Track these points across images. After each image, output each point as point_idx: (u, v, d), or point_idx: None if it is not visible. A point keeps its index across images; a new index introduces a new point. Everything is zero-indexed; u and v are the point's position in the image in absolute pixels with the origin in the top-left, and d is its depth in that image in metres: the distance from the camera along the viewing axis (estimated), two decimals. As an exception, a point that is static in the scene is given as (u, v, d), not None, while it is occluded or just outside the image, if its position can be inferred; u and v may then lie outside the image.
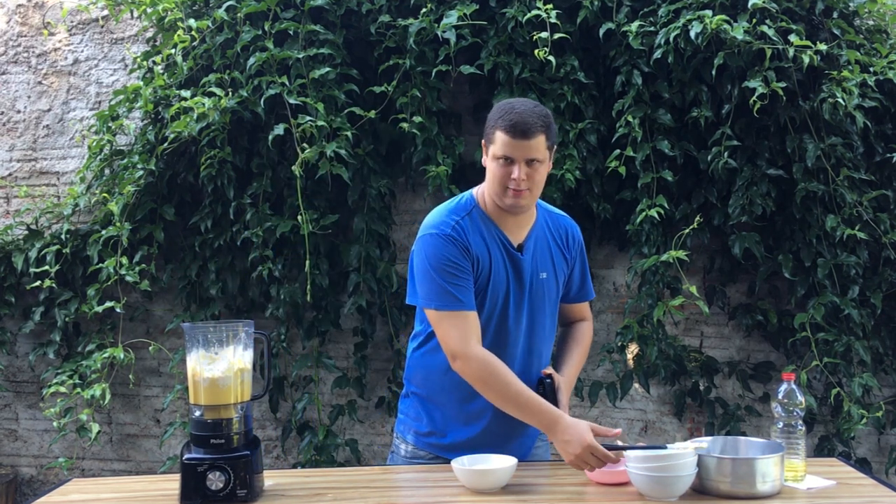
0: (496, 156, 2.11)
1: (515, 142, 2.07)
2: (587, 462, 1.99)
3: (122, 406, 4.13)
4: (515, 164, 2.09)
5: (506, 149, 2.09)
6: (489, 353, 2.11)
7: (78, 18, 4.23)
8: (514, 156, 2.09)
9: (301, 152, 3.45)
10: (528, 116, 2.07)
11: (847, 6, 3.64)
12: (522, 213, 2.19)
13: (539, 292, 2.24)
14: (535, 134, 2.07)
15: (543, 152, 2.10)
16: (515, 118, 2.07)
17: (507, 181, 2.10)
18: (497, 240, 2.19)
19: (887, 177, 3.67)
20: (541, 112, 2.11)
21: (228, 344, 1.93)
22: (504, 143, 2.09)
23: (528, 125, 2.06)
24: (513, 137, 2.07)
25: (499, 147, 2.10)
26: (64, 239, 3.84)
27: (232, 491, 1.88)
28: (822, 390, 3.66)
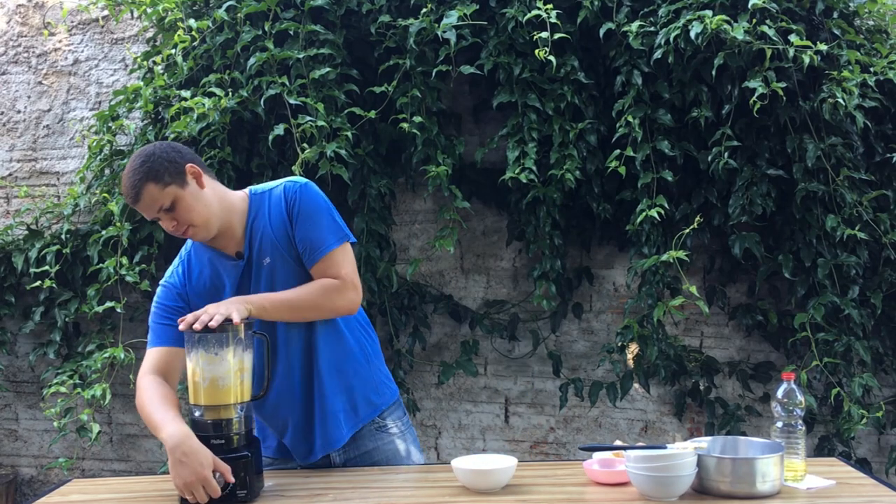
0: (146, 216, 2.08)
1: (138, 208, 2.03)
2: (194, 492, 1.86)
3: (123, 406, 4.13)
4: (160, 220, 2.05)
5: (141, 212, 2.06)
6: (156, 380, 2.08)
7: (78, 18, 4.23)
8: (148, 216, 2.05)
9: (301, 152, 3.45)
10: (127, 180, 2.00)
11: (847, 6, 3.64)
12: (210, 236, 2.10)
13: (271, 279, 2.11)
14: (140, 192, 1.99)
15: (164, 197, 2.00)
16: (123, 188, 2.03)
17: (175, 234, 2.07)
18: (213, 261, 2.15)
19: (887, 177, 3.67)
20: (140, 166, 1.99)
21: (229, 344, 1.93)
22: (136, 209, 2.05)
23: (132, 188, 2.00)
24: (132, 204, 2.03)
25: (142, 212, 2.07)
26: (64, 239, 3.84)
27: (232, 491, 1.88)
28: (822, 390, 3.66)
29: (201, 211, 2.05)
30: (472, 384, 4.03)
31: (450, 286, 4.04)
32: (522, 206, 3.62)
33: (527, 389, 4.00)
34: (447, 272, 4.04)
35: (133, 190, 2.00)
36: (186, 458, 1.86)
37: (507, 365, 4.01)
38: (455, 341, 4.02)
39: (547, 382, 3.98)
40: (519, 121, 3.60)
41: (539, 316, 3.96)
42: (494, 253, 4.02)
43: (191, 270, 2.18)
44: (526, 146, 3.56)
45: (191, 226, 2.05)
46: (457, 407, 4.04)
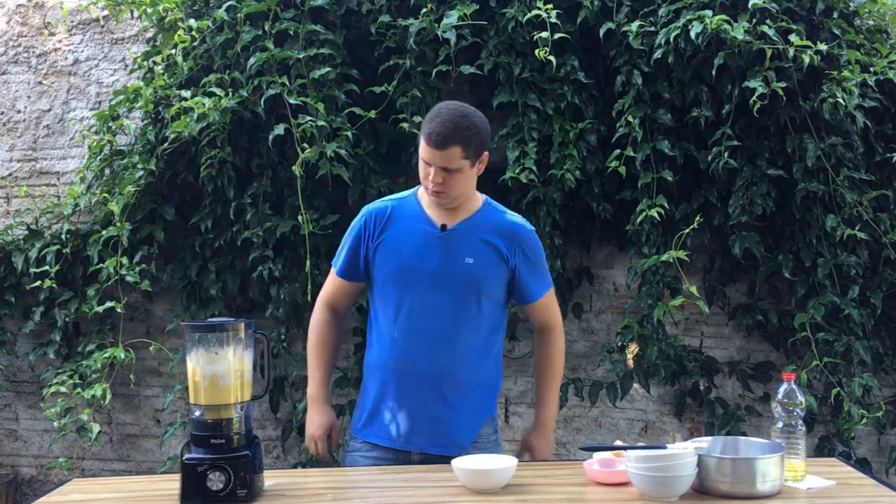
0: (420, 156, 2.24)
1: (430, 150, 2.18)
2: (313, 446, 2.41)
3: (123, 406, 4.13)
4: (433, 167, 2.19)
5: (423, 153, 2.21)
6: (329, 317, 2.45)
7: (78, 18, 4.23)
8: (430, 161, 2.20)
9: (301, 152, 3.45)
10: (446, 128, 2.15)
11: (847, 6, 3.64)
12: (447, 207, 2.28)
13: (462, 275, 2.26)
14: (448, 146, 2.15)
15: (458, 162, 2.18)
16: (434, 127, 2.16)
17: (426, 181, 2.23)
18: (421, 220, 2.31)
19: (887, 177, 3.67)
20: (462, 123, 2.17)
21: (229, 344, 1.93)
22: (423, 147, 2.20)
23: (443, 137, 2.15)
24: (428, 145, 2.18)
25: (421, 149, 2.22)
26: (64, 239, 3.84)
27: (232, 491, 1.88)
28: (822, 390, 3.66)
29: (464, 189, 2.25)
30: (472, 384, 4.02)
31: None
32: (522, 206, 3.62)
33: (527, 389, 4.00)
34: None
35: (442, 140, 2.14)
36: (307, 420, 2.42)
37: (507, 365, 4.00)
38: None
39: (547, 382, 3.97)
40: (519, 121, 3.61)
41: (539, 316, 3.95)
42: (494, 253, 4.01)
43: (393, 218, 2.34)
44: (526, 146, 3.56)
45: (446, 192, 2.22)
46: (457, 407, 4.04)
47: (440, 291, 2.25)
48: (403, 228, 2.31)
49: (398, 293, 2.29)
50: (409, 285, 2.27)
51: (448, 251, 2.26)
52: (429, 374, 2.26)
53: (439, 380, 2.26)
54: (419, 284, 2.26)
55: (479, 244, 2.27)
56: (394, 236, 2.31)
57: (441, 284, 2.25)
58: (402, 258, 2.28)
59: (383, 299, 2.34)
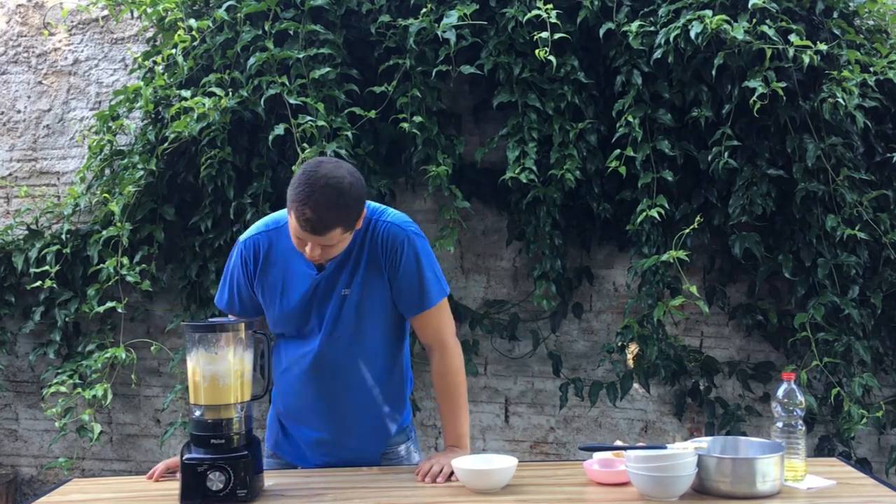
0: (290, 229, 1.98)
1: (302, 232, 1.93)
2: None
3: (123, 406, 4.13)
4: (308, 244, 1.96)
5: (295, 231, 1.96)
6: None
7: (78, 18, 4.23)
8: (303, 239, 1.96)
9: (301, 152, 3.45)
10: (322, 215, 1.88)
11: (847, 6, 3.64)
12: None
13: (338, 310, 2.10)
14: (327, 231, 1.92)
15: (339, 237, 1.96)
16: (308, 214, 1.88)
17: (301, 250, 2.00)
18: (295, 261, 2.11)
19: (887, 177, 3.67)
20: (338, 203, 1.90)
21: (229, 344, 1.93)
22: (295, 228, 1.94)
23: (321, 224, 1.90)
24: (303, 229, 1.92)
25: (292, 226, 1.96)
26: (64, 239, 3.84)
27: (232, 491, 1.88)
28: (822, 390, 3.65)
29: (341, 249, 2.03)
30: (473, 384, 4.03)
31: (450, 286, 4.02)
32: (522, 206, 3.62)
33: (527, 389, 4.00)
34: (447, 272, 4.04)
35: (321, 226, 1.90)
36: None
37: (507, 365, 4.01)
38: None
39: (547, 382, 3.98)
40: (519, 121, 3.60)
41: (539, 316, 3.96)
42: (494, 253, 4.02)
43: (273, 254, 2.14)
44: (526, 146, 3.56)
45: (327, 257, 2.02)
46: (457, 407, 4.03)
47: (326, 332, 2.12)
48: (281, 269, 2.13)
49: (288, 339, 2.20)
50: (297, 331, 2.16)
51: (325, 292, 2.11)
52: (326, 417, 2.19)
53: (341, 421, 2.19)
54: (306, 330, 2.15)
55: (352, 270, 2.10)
56: (273, 278, 2.14)
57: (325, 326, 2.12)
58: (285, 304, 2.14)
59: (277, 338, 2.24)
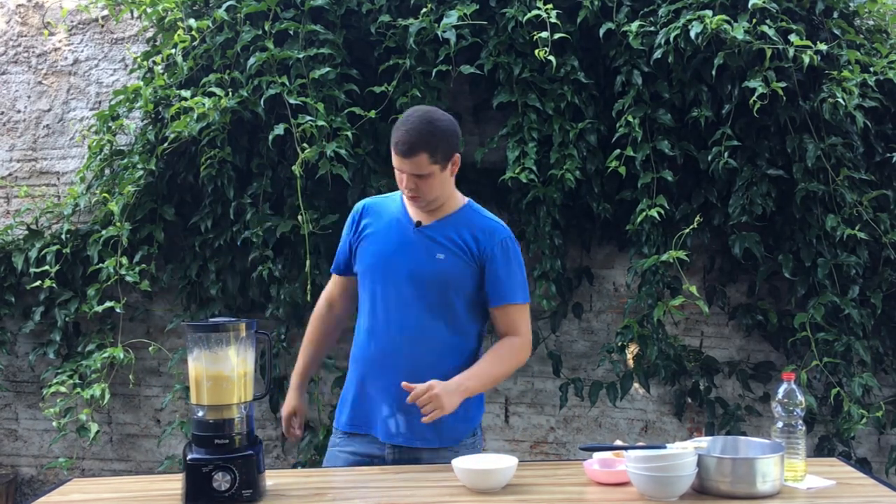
0: (393, 163, 2.26)
1: (398, 158, 2.21)
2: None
3: (122, 406, 4.13)
4: (404, 174, 2.22)
5: (394, 161, 2.23)
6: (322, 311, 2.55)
7: (78, 18, 4.23)
8: (400, 169, 2.23)
9: (301, 152, 3.45)
10: (412, 136, 2.17)
11: (847, 6, 3.64)
12: (425, 209, 2.31)
13: (433, 272, 2.27)
14: (414, 154, 2.17)
15: (427, 168, 2.19)
16: (400, 136, 2.19)
17: (401, 186, 2.27)
18: (400, 216, 2.34)
19: (887, 177, 3.68)
20: (426, 130, 2.18)
21: (231, 344, 1.93)
22: (393, 156, 2.23)
23: (409, 145, 2.17)
24: (396, 154, 2.21)
25: (393, 157, 2.24)
26: (64, 239, 3.84)
27: (238, 491, 1.88)
28: (822, 390, 3.66)
29: (440, 192, 2.26)
30: (472, 384, 4.02)
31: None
32: (522, 206, 3.62)
33: (527, 389, 4.00)
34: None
35: (408, 147, 2.17)
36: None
37: (507, 365, 4.00)
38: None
39: (547, 382, 3.98)
40: (519, 121, 3.61)
41: (539, 316, 3.95)
42: (494, 253, 4.01)
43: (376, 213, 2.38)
44: (526, 146, 3.56)
45: (423, 197, 2.24)
46: (457, 407, 4.03)
47: (412, 286, 2.28)
48: (383, 224, 2.36)
49: (373, 286, 2.33)
50: (383, 279, 2.31)
51: (421, 247, 2.29)
52: (402, 367, 2.26)
53: (413, 373, 2.23)
54: (393, 278, 2.30)
55: (451, 242, 2.29)
56: (374, 231, 2.37)
57: (413, 280, 2.28)
58: (378, 252, 2.34)
59: (363, 292, 2.39)
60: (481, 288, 2.32)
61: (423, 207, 2.30)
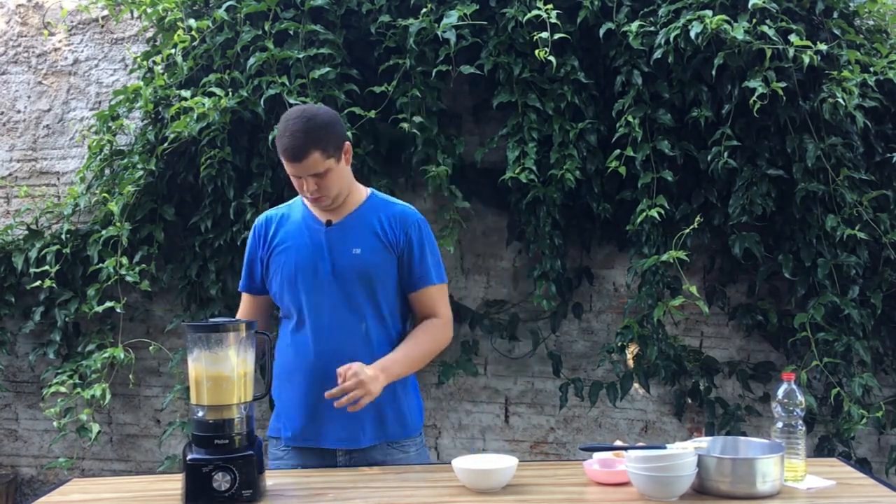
0: (287, 171, 2.21)
1: (291, 165, 2.17)
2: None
3: (122, 406, 4.13)
4: (302, 179, 2.19)
5: (288, 169, 2.20)
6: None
7: (78, 18, 4.23)
8: (297, 174, 2.19)
9: (301, 152, 3.45)
10: (297, 139, 2.13)
11: (847, 6, 3.64)
12: (330, 207, 2.28)
13: (352, 267, 2.25)
14: (306, 155, 2.13)
15: (322, 165, 2.16)
16: (286, 143, 2.14)
17: (302, 192, 2.23)
18: (307, 220, 2.31)
19: (887, 177, 3.67)
20: (310, 127, 2.13)
21: (231, 344, 1.93)
22: (286, 164, 2.18)
23: (297, 148, 2.13)
24: (286, 161, 2.17)
25: (285, 165, 2.20)
26: (64, 239, 3.84)
27: (237, 491, 1.88)
28: (822, 390, 3.66)
29: (342, 185, 2.24)
30: (472, 384, 4.03)
31: (450, 286, 4.03)
32: (522, 206, 3.62)
33: (527, 389, 4.00)
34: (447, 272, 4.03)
35: (297, 150, 2.13)
36: None
37: (507, 365, 4.01)
38: (455, 341, 4.01)
39: (547, 382, 3.98)
40: (519, 121, 3.61)
41: (539, 316, 3.96)
42: (494, 253, 4.01)
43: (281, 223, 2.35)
44: (526, 146, 3.56)
45: (326, 195, 2.22)
46: (457, 407, 4.04)
47: (337, 286, 2.25)
48: (293, 231, 2.32)
49: (298, 295, 2.29)
50: (307, 285, 2.27)
51: (335, 245, 2.27)
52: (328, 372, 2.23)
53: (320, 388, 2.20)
54: (317, 282, 2.27)
55: (364, 234, 2.27)
56: (284, 241, 2.33)
57: (337, 279, 2.25)
58: (296, 259, 2.29)
59: (287, 303, 2.33)
60: (401, 275, 2.31)
61: (329, 206, 2.27)
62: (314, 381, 2.26)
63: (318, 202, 2.24)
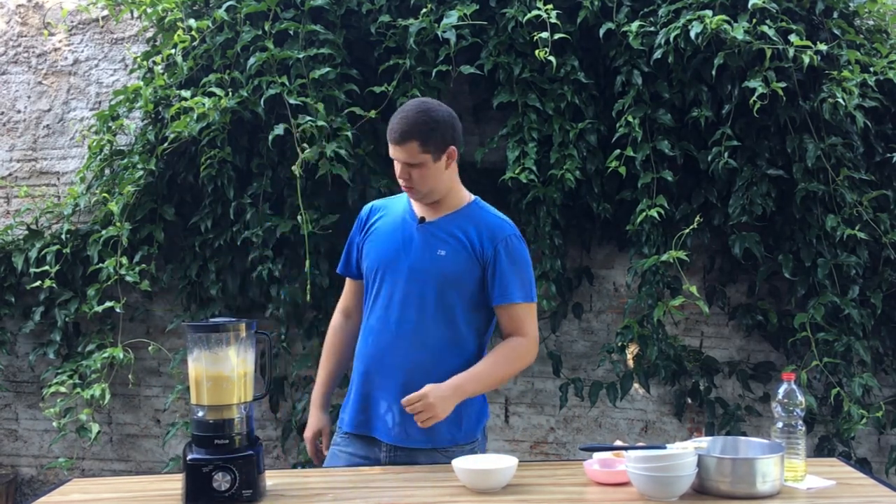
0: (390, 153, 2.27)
1: (391, 146, 2.22)
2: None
3: (122, 406, 4.13)
4: (399, 163, 2.24)
5: (390, 150, 2.24)
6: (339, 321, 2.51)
7: (78, 18, 4.23)
8: (394, 157, 2.24)
9: (301, 152, 3.45)
10: (403, 123, 2.18)
11: (847, 6, 3.64)
12: (424, 202, 2.30)
13: (433, 268, 2.25)
14: (405, 141, 2.18)
15: (418, 157, 2.19)
16: (394, 124, 2.20)
17: (398, 176, 2.28)
18: (405, 214, 2.35)
19: (887, 177, 3.68)
20: (420, 119, 2.18)
21: (231, 344, 1.93)
22: (389, 146, 2.24)
23: (399, 132, 2.18)
24: (389, 141, 2.22)
25: (389, 147, 2.26)
26: (64, 239, 3.84)
27: (238, 491, 1.88)
28: (822, 390, 3.66)
29: (432, 184, 2.24)
30: (472, 384, 4.02)
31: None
32: (522, 206, 3.62)
33: (527, 389, 4.00)
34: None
35: (399, 135, 2.18)
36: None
37: (507, 365, 4.00)
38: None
39: (547, 382, 3.98)
40: (519, 121, 3.61)
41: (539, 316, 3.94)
42: (494, 253, 4.01)
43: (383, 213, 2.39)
44: (526, 146, 3.56)
45: (416, 188, 2.24)
46: (457, 407, 4.03)
47: (413, 283, 2.26)
48: (389, 222, 2.36)
49: (376, 284, 2.32)
50: (385, 276, 2.30)
51: (423, 244, 2.28)
52: (400, 366, 2.25)
53: (411, 372, 2.23)
54: (395, 275, 2.29)
55: (453, 238, 2.27)
56: (379, 229, 2.37)
57: (413, 276, 2.26)
58: (382, 249, 2.33)
59: (368, 291, 2.37)
60: (484, 286, 2.28)
61: (421, 200, 2.29)
62: (372, 371, 2.29)
63: (408, 192, 2.28)
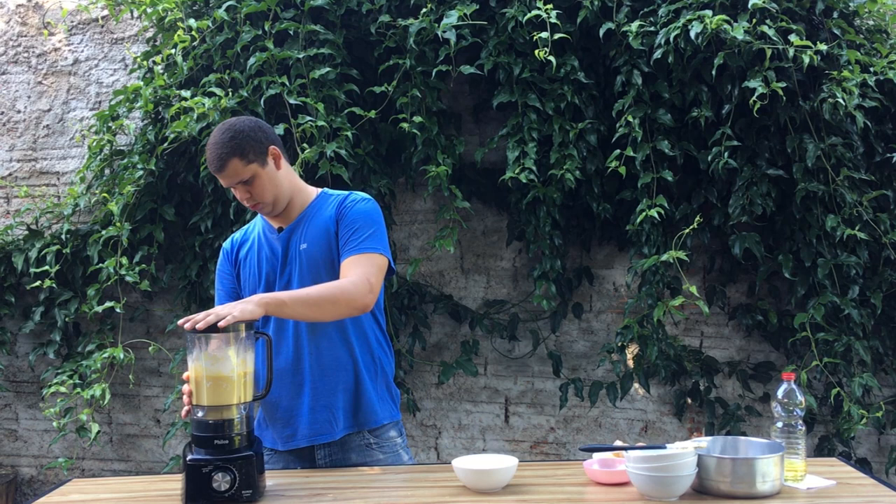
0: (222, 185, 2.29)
1: (218, 177, 2.23)
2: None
3: (122, 406, 4.13)
4: (234, 189, 2.25)
5: (220, 182, 2.25)
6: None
7: (78, 18, 4.24)
8: (227, 185, 2.24)
9: (301, 152, 3.45)
10: (214, 150, 2.18)
11: (847, 6, 3.64)
12: (274, 214, 2.30)
13: (301, 262, 2.26)
14: (225, 164, 2.18)
15: (244, 171, 2.19)
16: (208, 156, 2.21)
17: (243, 203, 2.28)
18: (262, 231, 2.36)
19: (887, 177, 3.68)
20: (225, 138, 2.18)
21: (231, 345, 1.93)
22: (216, 177, 2.24)
23: (217, 159, 2.18)
24: (214, 173, 2.22)
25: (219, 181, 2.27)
26: (64, 239, 3.84)
27: (237, 491, 1.88)
28: (822, 390, 3.66)
29: (273, 190, 2.25)
30: (472, 384, 4.03)
31: (450, 286, 4.04)
32: (522, 206, 3.62)
33: (527, 389, 4.00)
34: (447, 272, 4.05)
35: (218, 161, 2.18)
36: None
37: (507, 365, 4.01)
38: (455, 341, 4.02)
39: (547, 382, 3.98)
40: (519, 121, 3.61)
41: (539, 316, 3.96)
42: (494, 253, 4.02)
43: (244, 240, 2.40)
44: (526, 146, 3.56)
45: (263, 201, 2.24)
46: (457, 407, 4.04)
47: (293, 287, 2.25)
48: (253, 245, 2.37)
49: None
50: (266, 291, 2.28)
51: (288, 248, 2.30)
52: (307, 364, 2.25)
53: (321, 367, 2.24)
54: (274, 288, 2.29)
55: (312, 231, 2.28)
56: (247, 254, 2.37)
57: (291, 280, 2.27)
58: (254, 267, 2.34)
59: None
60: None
61: (273, 213, 2.29)
62: (282, 386, 2.26)
63: (257, 209, 2.27)
